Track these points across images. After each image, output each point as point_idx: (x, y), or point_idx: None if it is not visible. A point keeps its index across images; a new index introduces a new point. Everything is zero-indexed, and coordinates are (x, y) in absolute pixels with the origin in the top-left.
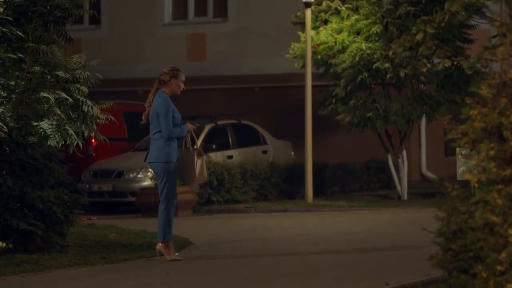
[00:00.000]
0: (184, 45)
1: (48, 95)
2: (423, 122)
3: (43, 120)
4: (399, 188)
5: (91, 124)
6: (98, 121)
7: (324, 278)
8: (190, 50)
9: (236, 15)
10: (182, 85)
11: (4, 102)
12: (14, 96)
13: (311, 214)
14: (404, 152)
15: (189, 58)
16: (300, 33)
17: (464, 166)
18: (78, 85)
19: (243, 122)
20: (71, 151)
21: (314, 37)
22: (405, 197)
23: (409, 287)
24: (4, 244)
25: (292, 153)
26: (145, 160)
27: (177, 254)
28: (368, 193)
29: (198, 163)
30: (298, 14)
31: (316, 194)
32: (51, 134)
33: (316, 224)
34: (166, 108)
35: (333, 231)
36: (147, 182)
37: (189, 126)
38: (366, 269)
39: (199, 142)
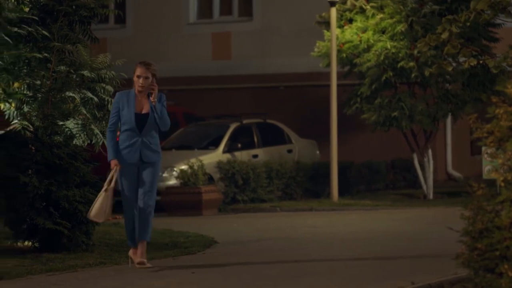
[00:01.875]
0: (209, 44)
1: (73, 95)
2: (449, 121)
3: (68, 120)
4: (424, 187)
5: None
6: None
7: (349, 276)
8: (215, 49)
9: (261, 14)
10: (139, 81)
11: (30, 101)
12: (40, 95)
13: (337, 213)
14: (430, 151)
15: (214, 57)
16: (325, 31)
17: (490, 165)
18: (104, 85)
19: (268, 121)
20: (96, 151)
21: (339, 35)
22: (431, 196)
23: (435, 286)
24: (30, 243)
25: (318, 152)
26: None
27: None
28: (393, 192)
29: (100, 199)
30: (323, 14)
31: (341, 193)
32: (76, 134)
33: (341, 223)
34: (112, 105)
35: (358, 230)
36: (172, 181)
37: (112, 164)
38: (392, 268)
39: (224, 141)
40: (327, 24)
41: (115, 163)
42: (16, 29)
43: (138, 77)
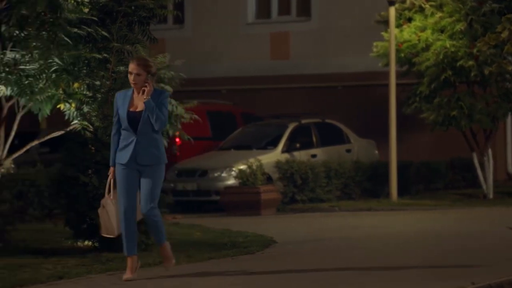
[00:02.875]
0: (267, 44)
1: None
2: (509, 120)
3: None
4: (484, 187)
5: (175, 124)
6: (182, 120)
7: (409, 276)
8: (273, 49)
9: (320, 13)
10: (131, 78)
11: (90, 101)
12: (99, 95)
13: (396, 213)
14: (490, 151)
15: (272, 57)
16: (383, 33)
17: None
18: (163, 85)
19: (327, 120)
20: None
21: (397, 35)
22: (491, 196)
23: (495, 286)
24: (90, 243)
25: (376, 151)
26: None
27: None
28: (453, 192)
29: (104, 213)
30: (382, 13)
31: (400, 192)
32: None
33: (400, 223)
34: (113, 105)
35: (418, 230)
36: (231, 181)
37: (110, 171)
38: (451, 268)
39: (282, 141)
40: (385, 23)
41: (112, 171)
42: (75, 30)
43: (130, 73)
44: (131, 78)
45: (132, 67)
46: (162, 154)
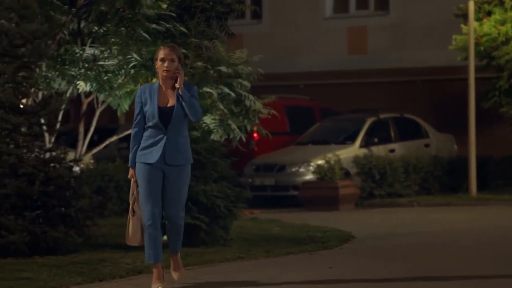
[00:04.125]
0: (345, 39)
1: (211, 90)
2: None
3: (206, 115)
4: None
5: (253, 119)
6: (260, 115)
7: (486, 272)
8: (351, 43)
9: (398, 7)
10: (164, 65)
11: None
12: None
13: (475, 208)
14: None
15: (350, 52)
16: (462, 25)
17: None
18: (241, 80)
19: (405, 115)
20: (233, 146)
21: (477, 28)
22: None
23: None
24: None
25: (455, 146)
26: None
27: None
28: None
29: (135, 220)
30: (461, 6)
31: (479, 187)
32: (214, 129)
33: (479, 218)
34: (135, 100)
35: (497, 225)
36: (309, 176)
37: (130, 173)
38: None
39: (360, 136)
40: (465, 16)
41: (132, 173)
42: (154, 26)
43: (162, 60)
44: (164, 65)
45: (165, 52)
46: (190, 154)
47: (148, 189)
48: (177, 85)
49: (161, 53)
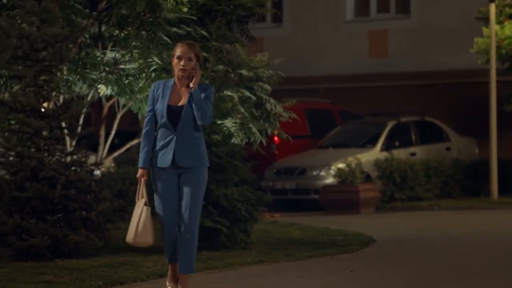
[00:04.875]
0: (366, 42)
1: (232, 94)
2: None
3: (227, 118)
4: None
5: (274, 122)
6: (281, 119)
7: (510, 276)
8: (372, 46)
9: (419, 10)
10: (180, 63)
11: None
12: None
13: (496, 212)
14: None
15: (371, 55)
16: (483, 28)
17: None
18: (261, 83)
19: (426, 118)
20: (254, 149)
21: (498, 31)
22: None
23: None
24: None
25: (476, 149)
26: None
27: None
28: None
29: (143, 217)
30: (482, 9)
31: (501, 191)
32: (234, 132)
33: (501, 221)
34: (149, 97)
35: None
36: (330, 180)
37: (138, 174)
38: None
39: (381, 139)
40: (486, 20)
41: (141, 174)
42: (175, 29)
43: (179, 58)
44: (180, 63)
45: (182, 50)
46: (204, 156)
47: (164, 195)
48: (191, 85)
49: (178, 51)
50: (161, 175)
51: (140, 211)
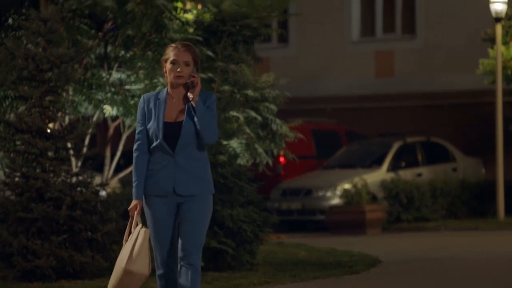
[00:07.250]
0: (372, 62)
1: (237, 114)
2: None
3: (232, 139)
4: None
5: (280, 143)
6: (287, 139)
7: None
8: (378, 67)
9: (425, 31)
10: (176, 68)
11: None
12: None
13: (503, 232)
14: None
15: (377, 75)
16: (490, 49)
17: None
18: (267, 104)
19: (432, 139)
20: (260, 170)
21: (504, 52)
22: None
23: None
24: None
25: (483, 170)
26: None
27: None
28: None
29: (139, 241)
30: (488, 30)
31: (508, 211)
32: (240, 153)
33: (508, 242)
34: (137, 113)
35: None
36: (336, 201)
37: (132, 204)
38: None
39: (388, 160)
40: (492, 40)
41: (135, 205)
42: None
43: (174, 62)
44: (174, 68)
45: (177, 53)
46: (210, 181)
47: (158, 230)
48: (190, 95)
49: (172, 54)
50: (156, 205)
51: (136, 235)
